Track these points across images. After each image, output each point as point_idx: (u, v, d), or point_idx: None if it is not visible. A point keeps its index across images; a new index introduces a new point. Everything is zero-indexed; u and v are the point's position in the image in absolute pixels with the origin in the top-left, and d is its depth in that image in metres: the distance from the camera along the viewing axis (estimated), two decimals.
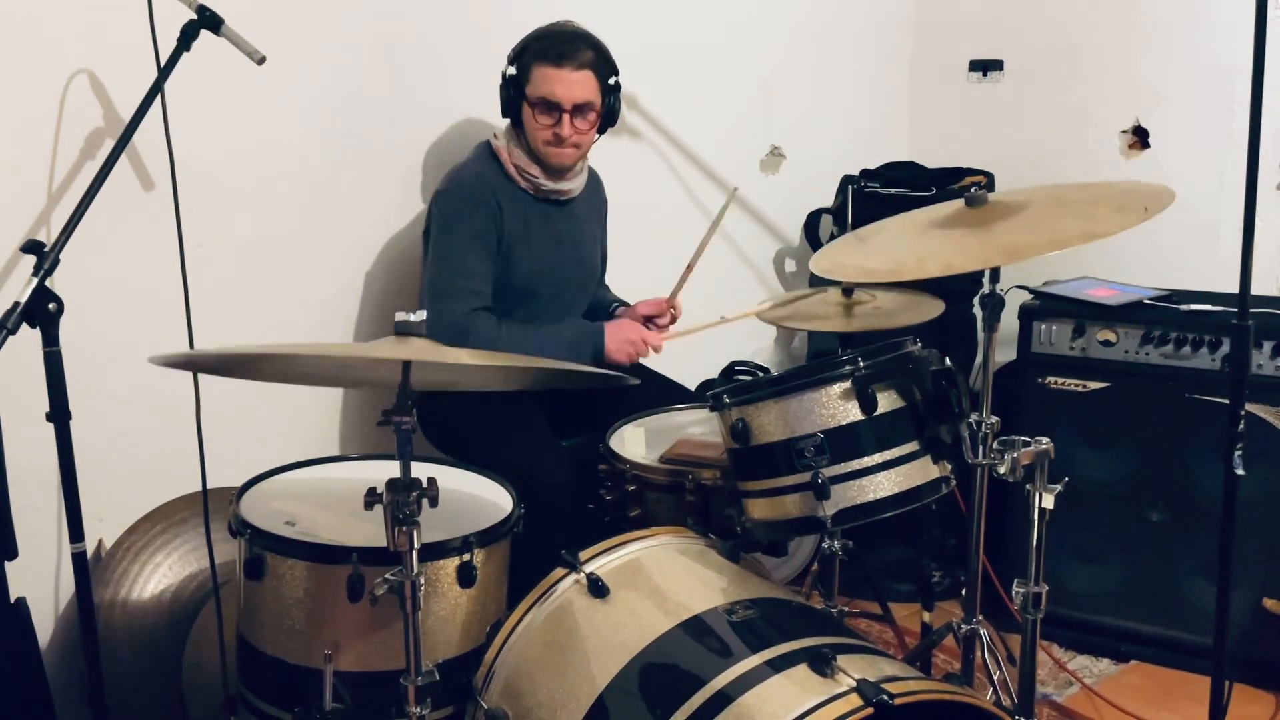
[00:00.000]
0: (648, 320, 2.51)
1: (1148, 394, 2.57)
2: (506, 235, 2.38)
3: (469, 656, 1.80)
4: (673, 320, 2.53)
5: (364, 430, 2.63)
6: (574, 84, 2.33)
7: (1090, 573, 2.67)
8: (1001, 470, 1.70)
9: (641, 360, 2.55)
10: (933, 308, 2.24)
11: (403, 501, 1.47)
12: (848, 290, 2.28)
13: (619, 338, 2.38)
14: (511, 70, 2.37)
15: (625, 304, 2.64)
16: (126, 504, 2.25)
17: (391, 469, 1.50)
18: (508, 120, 2.45)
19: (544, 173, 2.43)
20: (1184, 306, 2.58)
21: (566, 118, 2.34)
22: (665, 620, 1.64)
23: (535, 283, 2.44)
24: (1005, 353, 2.63)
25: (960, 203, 1.92)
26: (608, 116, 2.44)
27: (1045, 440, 1.69)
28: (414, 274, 2.51)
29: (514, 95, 2.37)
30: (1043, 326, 2.67)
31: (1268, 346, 2.44)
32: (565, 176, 2.46)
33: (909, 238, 1.96)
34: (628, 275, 2.78)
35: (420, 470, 1.52)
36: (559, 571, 1.79)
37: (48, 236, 2.05)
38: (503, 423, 2.32)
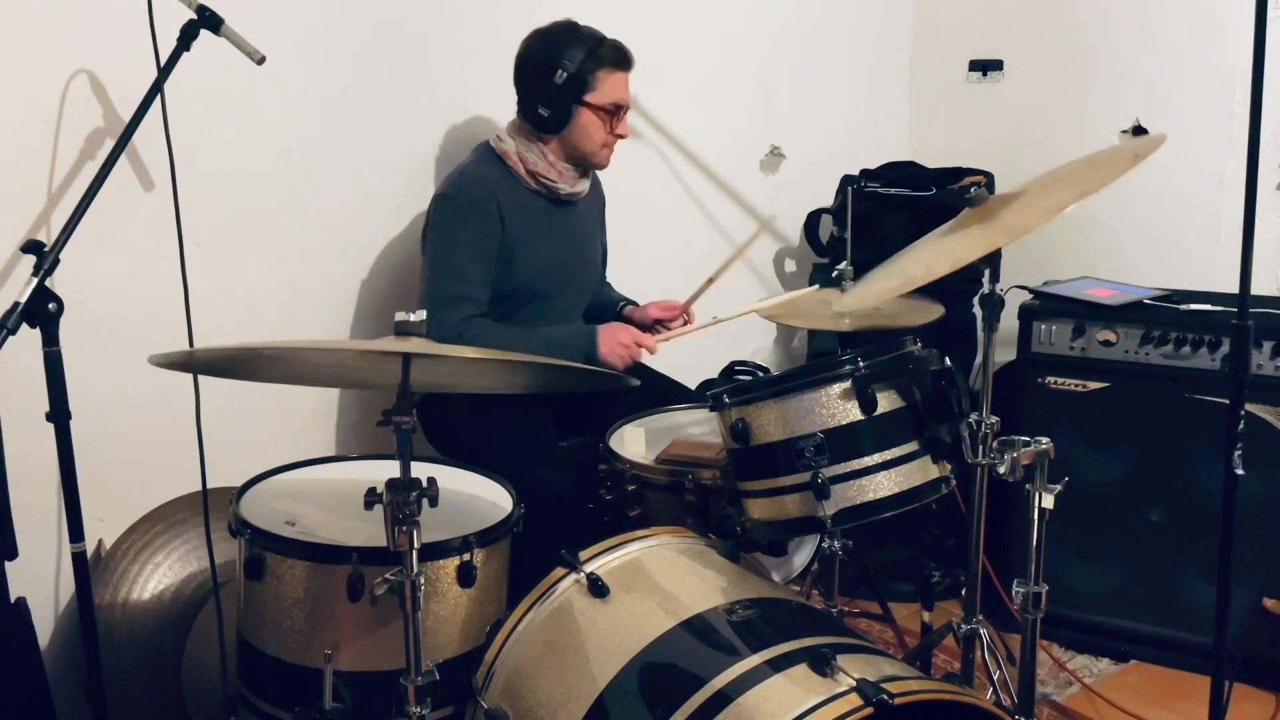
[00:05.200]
0: (657, 322, 2.50)
1: (1148, 394, 2.57)
2: (509, 238, 2.37)
3: (469, 656, 1.80)
4: (685, 323, 2.53)
5: (364, 430, 2.63)
6: (629, 85, 2.43)
7: (1090, 573, 2.67)
8: (1001, 470, 1.70)
9: (643, 360, 2.54)
10: (932, 311, 2.24)
11: (403, 501, 1.47)
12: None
13: (612, 341, 2.37)
14: (565, 78, 2.34)
15: (633, 303, 2.63)
16: (126, 504, 2.25)
17: (391, 469, 1.50)
18: (514, 122, 2.45)
19: (572, 176, 2.45)
20: (1184, 306, 2.57)
21: (626, 118, 2.43)
22: (665, 620, 1.64)
23: (540, 282, 2.44)
24: (1005, 353, 2.63)
25: (962, 215, 1.93)
26: None
27: (1045, 440, 1.69)
28: (415, 275, 2.51)
29: (568, 101, 2.36)
30: (1043, 326, 2.67)
31: (1268, 346, 2.44)
32: (586, 175, 2.51)
33: (917, 253, 1.98)
34: (627, 275, 2.78)
35: (420, 470, 1.52)
36: (559, 571, 1.79)
37: (48, 236, 2.06)
38: (503, 423, 2.32)
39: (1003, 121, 3.40)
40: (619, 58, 2.39)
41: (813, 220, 3.33)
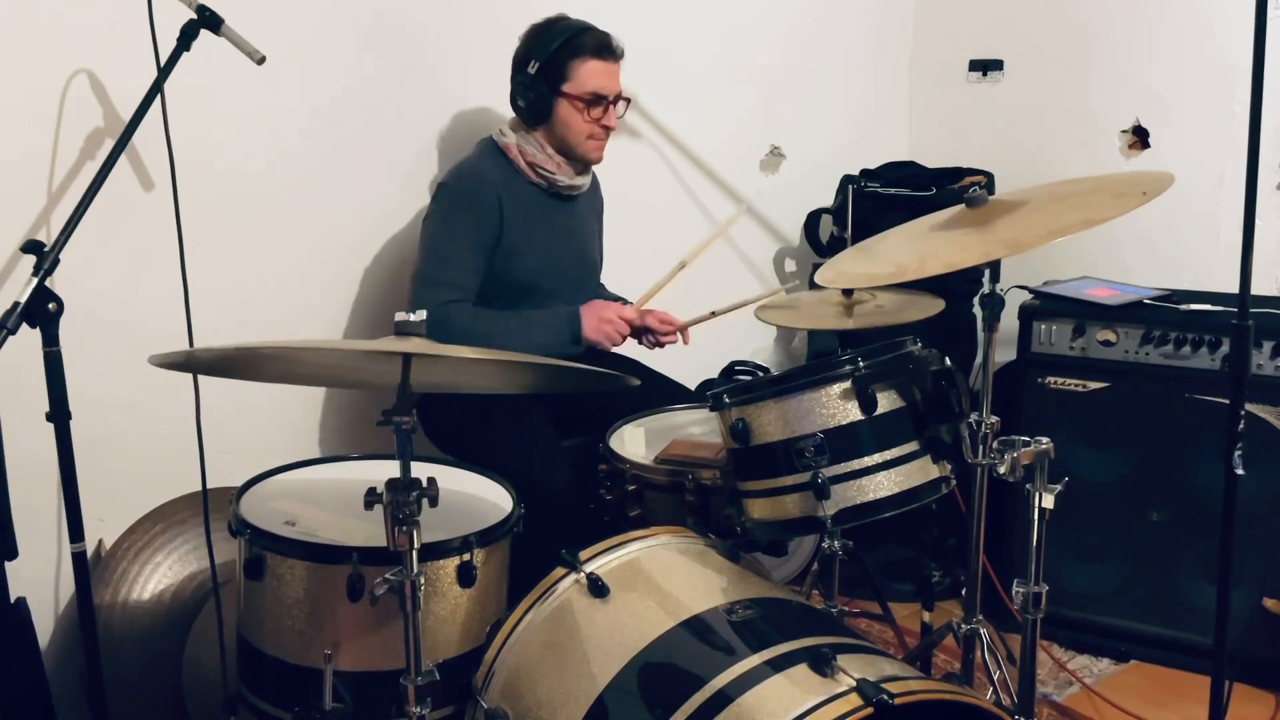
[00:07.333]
0: (651, 331, 2.50)
1: (1148, 394, 2.57)
2: (508, 231, 2.38)
3: (469, 656, 1.80)
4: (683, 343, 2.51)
5: (364, 430, 2.63)
6: (616, 75, 2.41)
7: (1090, 573, 2.67)
8: (1001, 470, 1.70)
9: (643, 362, 2.54)
10: (932, 306, 2.24)
11: (403, 501, 1.47)
12: (847, 290, 2.28)
13: (595, 319, 2.38)
14: (537, 68, 2.35)
15: (630, 304, 2.63)
16: (126, 504, 2.25)
17: (391, 469, 1.50)
18: (515, 117, 2.45)
19: (570, 169, 2.45)
20: (1184, 306, 2.57)
21: (613, 109, 2.40)
22: (665, 620, 1.64)
23: (538, 278, 2.44)
24: (1005, 353, 2.63)
25: (960, 207, 1.93)
26: None
27: (1045, 440, 1.69)
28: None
29: (546, 93, 2.36)
30: (1043, 326, 2.67)
31: (1268, 346, 2.44)
32: (586, 170, 2.49)
33: (910, 242, 1.96)
34: (627, 276, 2.78)
35: (420, 470, 1.52)
36: (559, 571, 1.79)
37: (48, 236, 2.06)
38: (503, 423, 2.32)
39: (1003, 121, 3.40)
40: (598, 47, 2.36)
41: (813, 220, 3.33)
